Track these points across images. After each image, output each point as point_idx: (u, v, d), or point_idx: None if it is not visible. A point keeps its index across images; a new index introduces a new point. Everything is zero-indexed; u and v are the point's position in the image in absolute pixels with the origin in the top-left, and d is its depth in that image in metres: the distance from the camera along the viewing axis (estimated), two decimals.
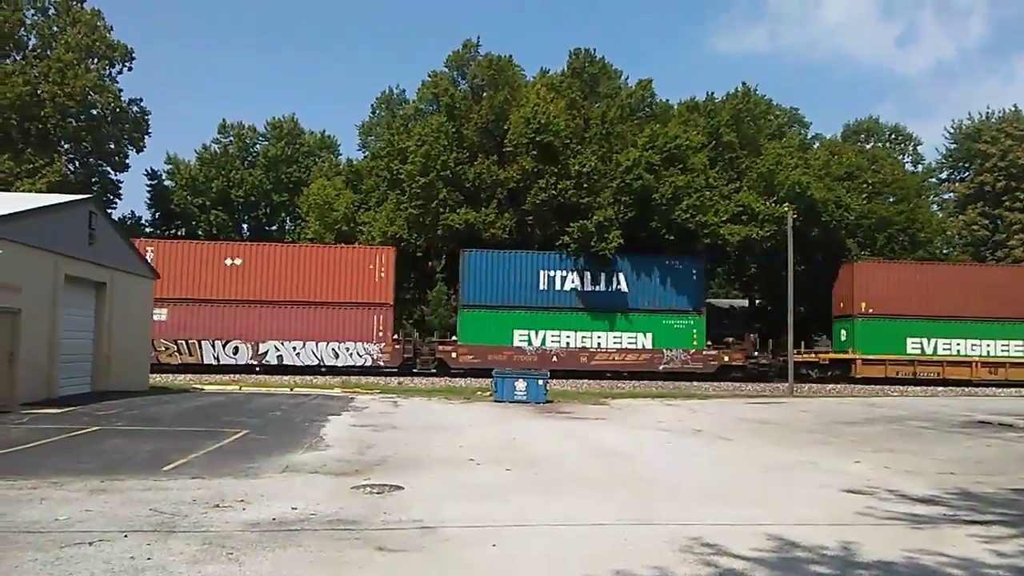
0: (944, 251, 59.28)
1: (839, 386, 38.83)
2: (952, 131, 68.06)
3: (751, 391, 35.22)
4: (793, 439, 16.60)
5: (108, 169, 52.66)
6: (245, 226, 61.15)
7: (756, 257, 42.01)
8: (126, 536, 6.98)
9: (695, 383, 37.99)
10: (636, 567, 6.39)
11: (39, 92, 46.53)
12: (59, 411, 17.53)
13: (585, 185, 39.80)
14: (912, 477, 11.49)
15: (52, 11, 49.78)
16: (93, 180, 50.58)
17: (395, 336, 38.81)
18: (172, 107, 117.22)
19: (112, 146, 51.32)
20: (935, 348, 40.18)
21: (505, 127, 42.12)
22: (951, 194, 67.91)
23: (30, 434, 13.54)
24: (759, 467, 12.43)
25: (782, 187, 42.40)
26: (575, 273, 39.72)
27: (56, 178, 44.68)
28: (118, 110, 50.25)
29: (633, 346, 39.52)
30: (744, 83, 48.34)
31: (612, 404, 25.53)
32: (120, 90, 50.40)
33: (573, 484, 10.47)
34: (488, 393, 26.58)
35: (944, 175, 69.61)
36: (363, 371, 37.30)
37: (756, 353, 41.23)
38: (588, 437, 16.16)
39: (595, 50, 48.18)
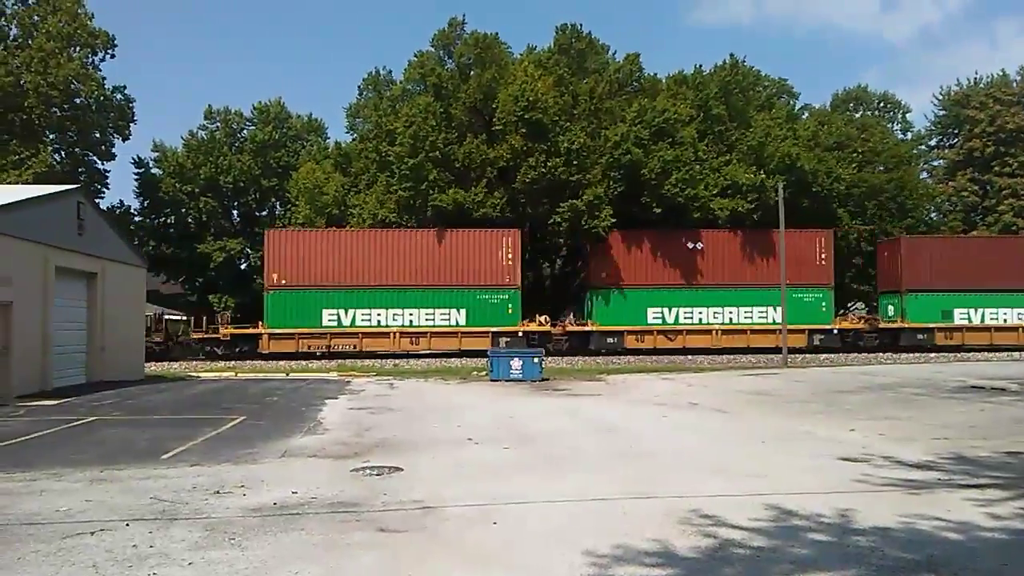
0: (933, 218, 59.38)
1: (832, 356, 39.02)
2: (941, 97, 68.09)
3: (747, 363, 35.39)
4: (788, 409, 16.71)
5: (94, 158, 52.13)
6: (235, 212, 60.78)
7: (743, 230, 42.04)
8: (127, 525, 7.00)
9: (689, 357, 38.13)
10: (637, 540, 6.44)
11: (22, 82, 45.96)
12: (55, 403, 17.51)
13: (575, 162, 39.67)
14: (907, 443, 11.59)
15: (32, 0, 49.10)
16: (79, 170, 50.08)
17: None
18: (157, 94, 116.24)
19: (97, 135, 50.78)
20: (353, 319, 38.66)
21: (493, 106, 41.89)
22: (940, 161, 67.96)
23: (27, 426, 13.54)
24: (755, 438, 12.51)
25: (772, 159, 42.36)
26: None
27: (42, 169, 44.26)
28: (102, 98, 49.70)
29: None
30: (732, 55, 48.18)
31: (607, 380, 25.63)
32: (103, 78, 49.84)
33: (571, 460, 10.53)
34: (484, 373, 26.64)
35: (933, 142, 69.66)
36: None
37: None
38: (585, 413, 16.24)
39: (581, 26, 47.92)
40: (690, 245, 40.62)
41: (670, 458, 10.69)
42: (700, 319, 40.62)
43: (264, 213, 60.99)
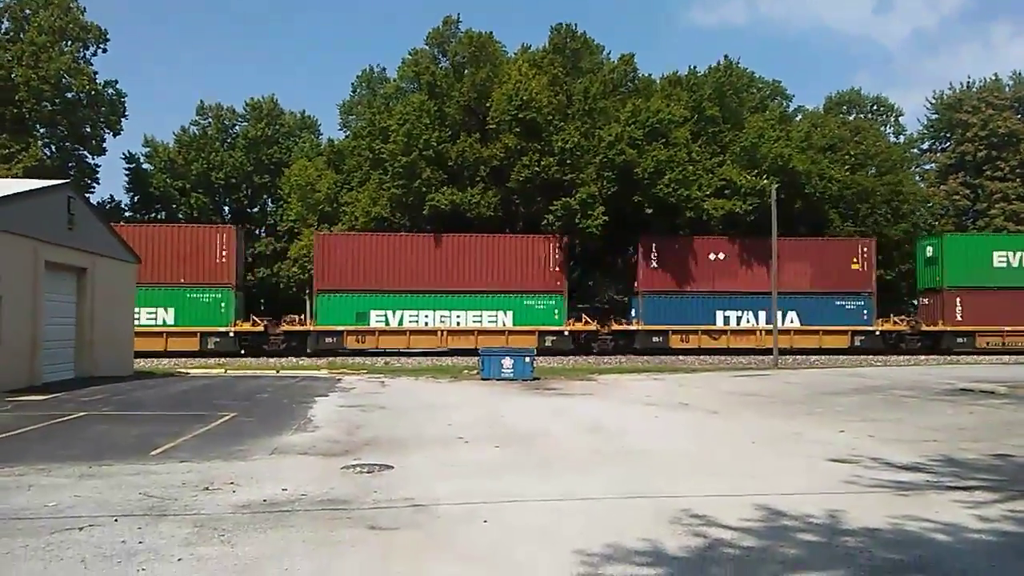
0: (929, 222, 59.62)
1: (822, 358, 39.20)
2: (933, 101, 68.38)
3: (737, 364, 35.49)
4: (779, 411, 16.76)
5: (85, 153, 52.00)
6: (226, 208, 60.62)
7: (740, 231, 42.24)
8: (116, 521, 6.96)
9: (680, 357, 38.25)
10: (627, 539, 6.44)
11: (13, 76, 45.78)
12: (43, 398, 17.41)
13: (568, 161, 39.72)
14: (896, 445, 11.63)
15: None
16: (70, 164, 49.95)
17: None
18: (149, 89, 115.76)
19: (88, 129, 50.64)
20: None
21: (487, 104, 41.91)
22: (932, 164, 68.27)
23: (15, 421, 13.45)
24: (746, 439, 12.55)
25: (765, 160, 42.47)
26: None
27: (32, 163, 44.09)
28: (93, 93, 49.50)
29: None
30: (726, 56, 48.33)
31: (599, 380, 25.65)
32: (95, 72, 49.70)
33: (562, 460, 10.53)
34: (475, 372, 26.62)
35: (926, 145, 69.99)
36: None
37: None
38: (576, 413, 16.24)
39: (576, 25, 47.96)
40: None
41: (661, 458, 10.70)
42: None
43: (256, 210, 60.90)
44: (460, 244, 39.56)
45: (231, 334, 38.22)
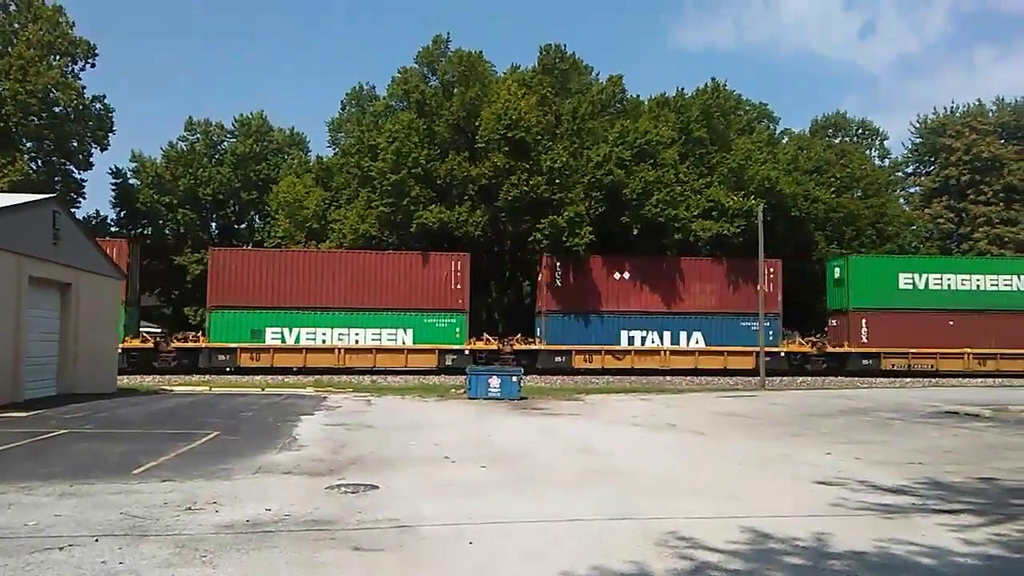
0: (913, 245, 60.13)
1: (808, 379, 39.27)
2: (918, 125, 69.23)
3: (723, 384, 35.55)
4: (765, 432, 16.77)
5: (71, 168, 51.62)
6: (213, 225, 60.36)
7: (727, 252, 42.42)
8: (97, 540, 6.87)
9: (667, 378, 38.26)
10: (613, 562, 6.41)
11: (0, 90, 45.59)
12: (25, 414, 17.20)
13: (557, 181, 39.84)
14: (882, 467, 11.66)
15: (12, 7, 48.71)
16: (56, 179, 49.58)
17: None
18: (137, 105, 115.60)
19: (75, 144, 50.28)
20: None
21: (476, 123, 42.06)
22: (916, 188, 68.97)
23: None
24: (732, 460, 12.54)
25: (752, 182, 42.74)
26: None
27: (18, 177, 43.75)
28: (81, 107, 49.24)
29: None
30: (714, 79, 48.75)
31: (586, 400, 25.63)
32: (83, 87, 49.48)
33: (549, 480, 10.48)
34: (462, 391, 26.54)
35: (910, 169, 70.72)
36: None
37: None
38: (563, 433, 16.19)
39: (565, 46, 48.29)
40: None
41: (647, 479, 10.67)
42: None
43: (243, 226, 60.64)
44: (360, 261, 39.00)
45: (119, 351, 37.45)
